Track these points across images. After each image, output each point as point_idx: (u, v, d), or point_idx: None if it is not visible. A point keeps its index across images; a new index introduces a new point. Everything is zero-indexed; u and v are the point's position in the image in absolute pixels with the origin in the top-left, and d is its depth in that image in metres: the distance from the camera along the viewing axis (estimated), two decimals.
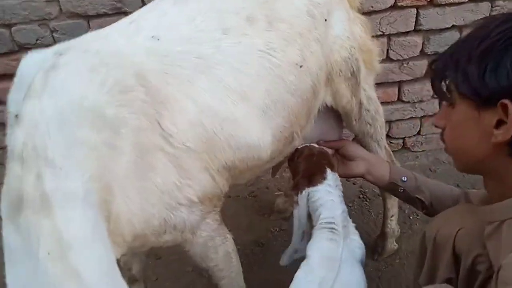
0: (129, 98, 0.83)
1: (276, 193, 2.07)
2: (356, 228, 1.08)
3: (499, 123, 0.70)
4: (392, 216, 1.62)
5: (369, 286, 1.01)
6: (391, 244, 1.66)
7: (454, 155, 0.87)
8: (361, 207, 2.00)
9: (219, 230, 1.08)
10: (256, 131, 1.01)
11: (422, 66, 1.96)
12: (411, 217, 1.87)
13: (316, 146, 1.21)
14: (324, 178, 1.08)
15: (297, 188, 1.09)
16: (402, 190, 1.19)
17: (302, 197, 1.07)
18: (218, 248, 1.09)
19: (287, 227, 1.88)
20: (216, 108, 0.94)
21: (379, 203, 1.95)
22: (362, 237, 1.07)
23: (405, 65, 1.95)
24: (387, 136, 2.14)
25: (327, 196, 1.06)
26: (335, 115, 1.33)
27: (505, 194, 0.76)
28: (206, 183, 0.95)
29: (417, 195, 1.17)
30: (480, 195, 1.00)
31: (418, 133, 2.18)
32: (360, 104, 1.32)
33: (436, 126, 0.89)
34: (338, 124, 1.38)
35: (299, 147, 1.21)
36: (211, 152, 0.95)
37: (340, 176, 1.17)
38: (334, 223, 1.03)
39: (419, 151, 2.24)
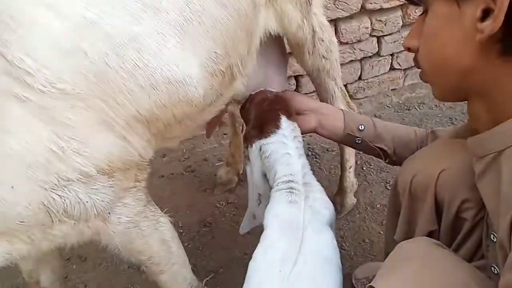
0: None
1: (216, 164, 1.85)
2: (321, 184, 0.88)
3: (485, 14, 0.53)
4: (351, 167, 1.46)
5: None
6: (350, 199, 1.52)
7: (433, 78, 0.68)
8: (311, 165, 1.80)
9: (146, 212, 0.82)
10: (176, 58, 0.72)
11: None
12: (364, 168, 1.75)
13: (273, 90, 0.99)
14: (278, 127, 0.87)
15: (247, 141, 0.90)
16: (360, 141, 1.01)
17: (253, 151, 0.87)
18: (149, 237, 0.83)
19: (235, 199, 1.66)
20: (103, 24, 0.64)
21: (330, 158, 1.81)
22: None
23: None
24: None
25: (282, 149, 0.85)
26: (279, 52, 1.09)
27: (498, 117, 0.59)
28: (110, 145, 0.67)
29: (377, 145, 1.00)
30: (451, 131, 0.84)
31: (360, 78, 2.04)
32: (313, 32, 1.10)
33: (408, 50, 0.71)
34: (283, 65, 1.14)
35: (252, 92, 0.98)
36: (108, 96, 0.66)
37: None
38: (292, 181, 0.83)
39: (362, 98, 2.12)
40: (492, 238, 0.65)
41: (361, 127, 1.00)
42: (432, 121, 1.98)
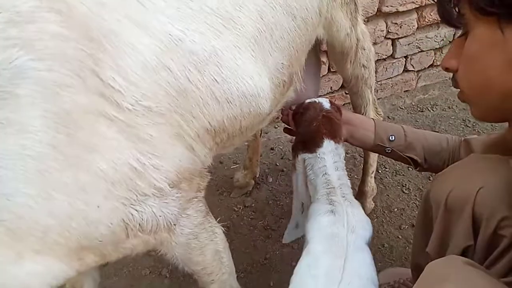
0: (33, 34, 0.52)
1: (232, 166, 1.85)
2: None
3: None
4: (373, 172, 1.48)
5: None
6: (370, 204, 1.53)
7: (473, 98, 0.69)
8: None
9: (205, 224, 0.83)
10: (250, 71, 0.73)
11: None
12: (380, 171, 1.75)
13: (325, 104, 1.01)
14: (320, 147, 0.91)
15: (294, 152, 0.96)
16: (390, 151, 1.03)
17: (298, 162, 0.94)
18: (205, 248, 0.84)
19: (252, 203, 1.67)
20: (187, 41, 0.65)
21: (348, 159, 1.81)
22: None
23: None
24: (341, 87, 1.98)
25: (320, 163, 0.89)
26: (315, 59, 1.09)
27: None
28: (180, 157, 0.68)
29: (407, 154, 1.02)
30: (486, 142, 0.84)
31: None
32: (357, 40, 1.09)
33: (446, 70, 0.71)
34: (318, 72, 1.15)
35: (307, 101, 1.01)
36: (185, 110, 0.67)
37: None
38: (331, 193, 0.86)
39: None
40: None
41: (392, 137, 1.02)
42: (446, 123, 1.99)
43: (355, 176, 1.74)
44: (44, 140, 0.53)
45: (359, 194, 1.54)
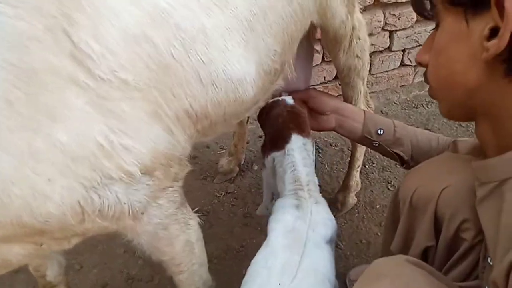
0: None
1: (219, 152, 1.84)
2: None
3: (493, 33, 0.51)
4: (359, 166, 1.45)
5: None
6: (352, 199, 1.51)
7: (439, 94, 0.66)
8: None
9: (177, 215, 0.77)
10: (239, 55, 0.70)
11: None
12: (366, 166, 1.73)
13: (288, 100, 1.01)
14: (288, 142, 0.91)
15: (263, 152, 0.98)
16: (377, 144, 1.02)
17: (268, 161, 0.95)
18: (175, 239, 0.79)
19: (234, 189, 1.66)
20: (175, 15, 0.61)
21: (332, 153, 1.80)
22: None
23: None
24: (335, 77, 1.94)
25: (289, 159, 0.90)
26: (307, 46, 1.05)
27: (504, 142, 0.57)
28: (156, 140, 0.63)
29: (394, 150, 1.00)
30: (472, 144, 0.81)
31: (369, 72, 1.99)
32: (353, 29, 1.05)
33: (419, 64, 0.68)
34: (310, 59, 1.11)
35: (269, 101, 1.01)
36: (166, 87, 0.63)
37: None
38: (298, 188, 0.86)
39: (370, 93, 2.06)
40: (489, 261, 0.63)
41: (380, 131, 1.01)
42: (439, 122, 1.95)
43: (341, 169, 1.72)
44: (5, 98, 0.49)
45: (343, 188, 1.52)
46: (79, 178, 0.56)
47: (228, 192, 1.66)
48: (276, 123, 0.95)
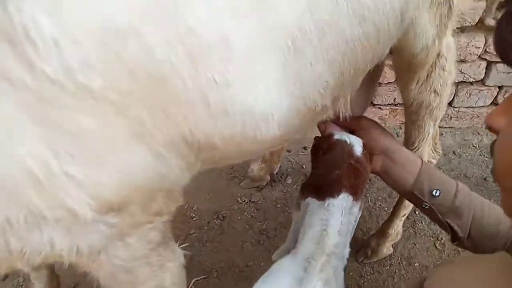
0: None
1: None
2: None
3: None
4: (404, 215, 1.22)
5: None
6: (387, 249, 1.28)
7: (505, 181, 0.47)
8: None
9: (151, 257, 0.59)
10: (270, 82, 0.51)
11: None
12: (416, 212, 1.46)
13: (357, 147, 0.79)
14: (332, 197, 0.73)
15: (302, 191, 0.80)
16: (427, 207, 0.80)
17: (304, 204, 0.78)
18: (141, 285, 0.61)
19: (258, 199, 1.50)
20: (188, 13, 0.44)
21: (381, 187, 1.56)
22: None
23: None
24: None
25: (323, 213, 0.72)
26: (375, 72, 0.83)
27: None
28: (133, 168, 0.46)
29: (448, 220, 0.78)
30: None
31: (449, 104, 1.69)
32: (438, 56, 0.83)
33: (489, 128, 0.49)
34: (374, 78, 0.90)
35: (334, 136, 0.81)
36: (157, 104, 0.45)
37: None
38: (316, 254, 0.67)
39: (446, 127, 1.77)
40: None
41: (436, 192, 0.79)
42: None
43: (385, 209, 1.48)
44: None
45: (379, 233, 1.29)
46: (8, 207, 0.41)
47: (251, 200, 1.51)
48: (330, 171, 0.76)
